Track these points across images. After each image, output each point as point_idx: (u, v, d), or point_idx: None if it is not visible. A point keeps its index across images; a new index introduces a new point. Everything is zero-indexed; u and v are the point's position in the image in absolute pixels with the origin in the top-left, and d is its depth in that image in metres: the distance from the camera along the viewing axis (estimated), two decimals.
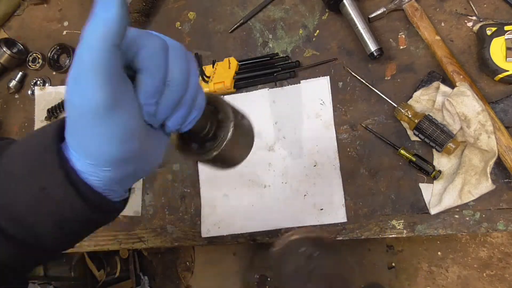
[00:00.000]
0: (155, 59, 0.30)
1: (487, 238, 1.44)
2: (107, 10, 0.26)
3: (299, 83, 0.83)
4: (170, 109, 0.32)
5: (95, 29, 0.26)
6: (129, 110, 0.29)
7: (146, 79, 0.30)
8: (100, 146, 0.29)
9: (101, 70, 0.26)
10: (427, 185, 0.72)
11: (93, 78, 0.26)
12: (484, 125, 0.65)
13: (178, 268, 1.77)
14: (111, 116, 0.28)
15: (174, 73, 0.31)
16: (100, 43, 0.26)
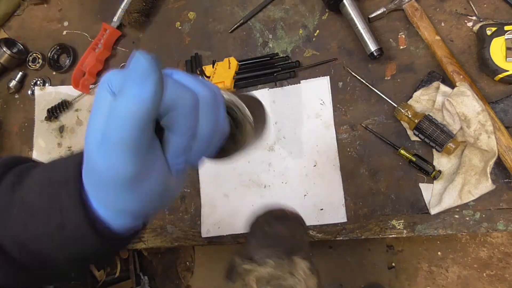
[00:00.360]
0: (187, 121, 0.28)
1: (487, 238, 1.44)
2: (143, 87, 0.24)
3: (299, 83, 0.83)
4: (199, 159, 0.32)
5: (128, 106, 0.24)
6: (158, 175, 0.28)
7: (176, 140, 0.28)
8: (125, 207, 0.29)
9: (132, 147, 0.25)
10: (427, 185, 0.72)
11: (120, 152, 0.25)
12: (484, 125, 0.65)
13: (178, 268, 1.77)
14: (139, 184, 0.27)
15: (203, 129, 0.29)
16: (133, 122, 0.24)
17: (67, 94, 1.02)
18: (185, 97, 0.28)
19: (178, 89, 0.27)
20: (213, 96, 0.30)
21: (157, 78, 0.24)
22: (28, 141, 1.04)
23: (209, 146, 0.31)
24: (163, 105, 0.26)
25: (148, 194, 0.28)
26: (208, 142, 0.30)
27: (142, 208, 0.30)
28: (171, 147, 0.28)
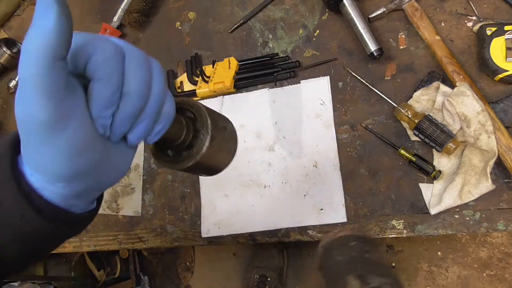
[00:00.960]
0: (107, 66, 0.27)
1: (487, 238, 1.44)
2: (45, 18, 0.23)
3: (299, 83, 0.83)
4: (128, 122, 0.30)
5: (32, 40, 0.23)
6: (78, 125, 0.26)
7: (98, 88, 0.27)
8: (49, 162, 0.27)
9: (41, 86, 0.24)
10: (427, 185, 0.72)
11: (33, 94, 0.24)
12: (484, 125, 0.65)
13: (178, 268, 1.77)
14: (57, 132, 0.26)
15: (131, 83, 0.28)
16: (38, 57, 0.23)
17: None
18: (106, 44, 0.27)
19: (99, 37, 0.27)
20: (143, 54, 0.30)
21: (59, 8, 0.23)
22: None
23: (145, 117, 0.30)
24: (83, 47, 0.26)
25: (69, 147, 0.27)
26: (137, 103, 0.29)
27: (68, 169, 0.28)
28: (94, 97, 0.27)
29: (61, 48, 0.24)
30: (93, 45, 0.27)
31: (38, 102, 0.24)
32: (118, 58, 0.28)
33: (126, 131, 0.30)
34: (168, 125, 0.33)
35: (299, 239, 0.79)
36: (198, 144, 0.36)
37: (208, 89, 0.87)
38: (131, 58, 0.29)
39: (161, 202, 0.90)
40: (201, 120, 0.36)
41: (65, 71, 0.25)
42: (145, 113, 0.30)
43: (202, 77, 0.88)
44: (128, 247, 0.92)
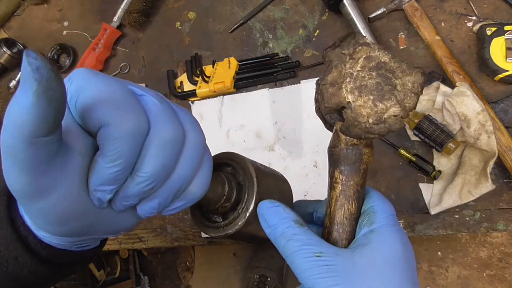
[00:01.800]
0: (117, 146, 0.23)
1: (487, 238, 1.44)
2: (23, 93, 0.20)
3: (299, 83, 0.83)
4: (134, 200, 0.26)
5: (8, 114, 0.21)
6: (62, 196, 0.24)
7: (101, 164, 0.24)
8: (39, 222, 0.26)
9: (17, 160, 0.22)
10: (427, 185, 0.72)
11: (10, 165, 0.22)
12: (484, 125, 0.65)
13: (178, 268, 1.77)
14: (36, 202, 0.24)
15: (144, 166, 0.25)
16: (13, 133, 0.21)
17: None
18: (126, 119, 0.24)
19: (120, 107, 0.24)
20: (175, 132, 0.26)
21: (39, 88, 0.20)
22: None
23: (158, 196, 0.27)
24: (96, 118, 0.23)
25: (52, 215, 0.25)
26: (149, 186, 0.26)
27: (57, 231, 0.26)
28: (94, 169, 0.24)
29: (39, 128, 0.21)
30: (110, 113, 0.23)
31: (15, 174, 0.22)
32: (135, 138, 0.24)
33: (131, 205, 0.27)
34: (191, 203, 0.29)
35: None
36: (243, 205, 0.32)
37: (208, 89, 0.87)
38: (155, 137, 0.25)
39: None
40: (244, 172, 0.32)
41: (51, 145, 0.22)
42: (159, 192, 0.27)
43: (202, 77, 0.88)
44: (128, 247, 0.92)
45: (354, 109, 0.27)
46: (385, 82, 0.27)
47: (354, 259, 0.29)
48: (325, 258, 0.29)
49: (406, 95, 0.27)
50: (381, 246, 0.30)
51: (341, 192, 0.31)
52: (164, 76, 0.93)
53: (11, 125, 0.21)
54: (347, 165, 0.31)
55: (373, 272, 0.28)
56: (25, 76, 0.20)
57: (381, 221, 0.31)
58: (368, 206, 0.32)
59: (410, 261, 0.30)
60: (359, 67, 0.27)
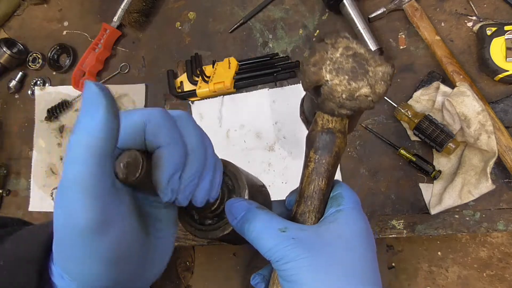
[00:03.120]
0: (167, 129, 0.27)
1: (487, 238, 1.44)
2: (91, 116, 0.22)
3: (299, 83, 0.83)
4: (196, 179, 0.29)
5: (78, 139, 0.22)
6: (122, 228, 0.25)
7: (168, 153, 0.27)
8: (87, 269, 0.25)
9: (87, 186, 0.22)
10: (427, 185, 0.72)
11: (78, 195, 0.22)
12: (484, 125, 0.65)
13: (178, 268, 1.77)
14: (98, 238, 0.24)
15: (192, 140, 0.29)
16: (85, 156, 0.22)
17: (67, 94, 1.01)
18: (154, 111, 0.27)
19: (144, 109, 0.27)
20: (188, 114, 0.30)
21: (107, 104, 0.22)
22: (28, 141, 1.04)
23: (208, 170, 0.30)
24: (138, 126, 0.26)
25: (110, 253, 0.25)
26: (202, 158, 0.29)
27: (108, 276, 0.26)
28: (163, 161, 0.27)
29: (109, 146, 0.23)
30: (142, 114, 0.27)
31: (83, 203, 0.23)
32: (171, 120, 0.28)
33: (194, 189, 0.30)
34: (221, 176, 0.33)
35: None
36: None
37: (208, 89, 0.87)
38: (181, 119, 0.29)
39: None
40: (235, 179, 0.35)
41: (111, 168, 0.24)
42: (207, 167, 0.30)
43: (202, 77, 0.88)
44: None
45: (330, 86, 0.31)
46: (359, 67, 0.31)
47: (320, 233, 0.31)
48: (290, 232, 0.30)
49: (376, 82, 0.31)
50: (347, 222, 0.32)
51: (313, 170, 0.34)
52: (164, 76, 0.93)
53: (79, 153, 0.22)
54: (321, 146, 0.35)
55: (340, 243, 0.30)
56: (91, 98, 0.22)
57: (348, 204, 0.33)
58: (336, 192, 0.34)
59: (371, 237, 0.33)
60: (338, 54, 0.31)
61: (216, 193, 0.32)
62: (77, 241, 0.24)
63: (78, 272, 0.26)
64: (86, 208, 0.23)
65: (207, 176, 0.30)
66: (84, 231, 0.23)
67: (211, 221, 0.35)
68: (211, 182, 0.31)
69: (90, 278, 0.26)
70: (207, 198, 0.31)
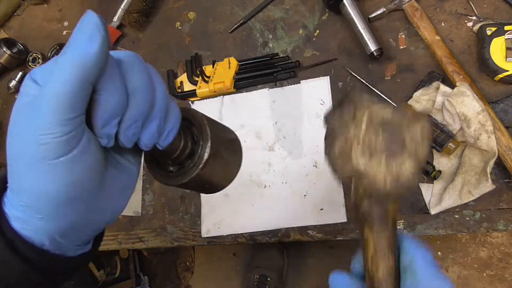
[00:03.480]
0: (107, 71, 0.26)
1: (487, 238, 1.44)
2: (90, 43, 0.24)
3: (299, 83, 0.83)
4: (140, 121, 0.29)
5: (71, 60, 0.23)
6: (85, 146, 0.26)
7: (100, 98, 0.26)
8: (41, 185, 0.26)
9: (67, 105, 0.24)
10: (427, 185, 0.72)
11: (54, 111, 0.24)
12: (484, 125, 0.65)
13: (178, 268, 1.77)
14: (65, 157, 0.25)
15: (135, 81, 0.28)
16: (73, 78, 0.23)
17: None
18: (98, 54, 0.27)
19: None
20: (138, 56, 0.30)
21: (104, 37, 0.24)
22: None
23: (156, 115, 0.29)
24: None
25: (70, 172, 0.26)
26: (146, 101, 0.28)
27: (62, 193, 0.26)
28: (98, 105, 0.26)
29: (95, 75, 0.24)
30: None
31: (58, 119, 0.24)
32: (110, 63, 0.27)
33: (138, 132, 0.29)
34: (178, 124, 0.32)
35: (299, 239, 0.79)
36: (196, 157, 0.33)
37: (208, 89, 0.87)
38: (128, 60, 0.28)
39: (161, 202, 0.90)
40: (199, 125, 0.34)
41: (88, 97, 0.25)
42: (154, 111, 0.29)
43: (202, 77, 0.88)
44: (128, 247, 0.92)
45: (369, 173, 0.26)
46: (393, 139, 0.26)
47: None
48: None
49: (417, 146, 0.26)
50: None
51: (376, 250, 0.30)
52: (164, 76, 0.93)
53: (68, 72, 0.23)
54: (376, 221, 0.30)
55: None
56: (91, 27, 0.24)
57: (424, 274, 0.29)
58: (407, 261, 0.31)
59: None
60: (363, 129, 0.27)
61: (168, 139, 0.31)
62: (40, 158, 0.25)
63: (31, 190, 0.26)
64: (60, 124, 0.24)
65: (155, 120, 0.29)
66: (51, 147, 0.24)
67: (173, 168, 0.35)
68: (158, 127, 0.30)
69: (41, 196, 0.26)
70: (155, 143, 0.31)
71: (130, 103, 0.28)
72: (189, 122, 0.35)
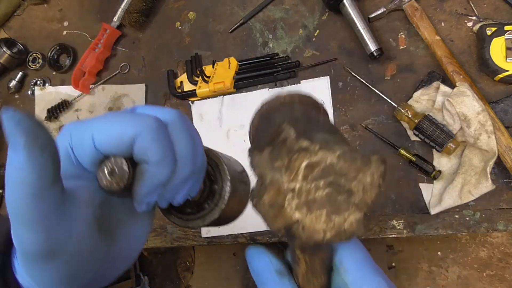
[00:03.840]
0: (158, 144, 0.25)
1: (487, 238, 1.44)
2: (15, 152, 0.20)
3: (299, 83, 0.83)
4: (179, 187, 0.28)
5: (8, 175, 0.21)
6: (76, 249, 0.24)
7: (153, 171, 0.25)
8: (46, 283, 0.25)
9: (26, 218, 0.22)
10: (427, 185, 0.72)
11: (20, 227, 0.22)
12: (484, 125, 0.65)
13: (178, 268, 1.77)
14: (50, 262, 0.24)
15: (182, 150, 0.26)
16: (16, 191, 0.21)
17: (67, 94, 1.01)
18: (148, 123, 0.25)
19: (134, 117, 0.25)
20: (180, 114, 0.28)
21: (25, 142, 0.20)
22: None
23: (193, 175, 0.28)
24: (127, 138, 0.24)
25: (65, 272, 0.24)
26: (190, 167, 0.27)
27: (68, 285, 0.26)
28: (146, 177, 0.25)
29: (40, 180, 0.21)
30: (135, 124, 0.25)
31: (27, 234, 0.22)
32: (163, 134, 0.25)
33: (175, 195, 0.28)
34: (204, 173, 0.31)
35: None
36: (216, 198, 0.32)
37: (208, 89, 0.87)
38: (174, 124, 0.27)
39: None
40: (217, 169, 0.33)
41: (56, 196, 0.23)
42: (193, 173, 0.28)
43: (202, 77, 0.88)
44: None
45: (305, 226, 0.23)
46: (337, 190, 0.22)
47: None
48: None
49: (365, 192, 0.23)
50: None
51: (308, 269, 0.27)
52: (164, 76, 0.93)
53: (11, 186, 0.21)
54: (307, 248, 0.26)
55: None
56: (10, 133, 0.20)
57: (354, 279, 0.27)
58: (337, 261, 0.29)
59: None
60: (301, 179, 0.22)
61: (195, 191, 0.31)
62: (28, 263, 0.24)
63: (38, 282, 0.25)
64: (30, 238, 0.22)
65: (191, 180, 0.29)
66: (34, 257, 0.23)
67: (191, 210, 0.34)
68: (194, 185, 0.29)
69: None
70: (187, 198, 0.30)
71: (174, 171, 0.27)
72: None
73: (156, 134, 0.25)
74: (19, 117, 0.20)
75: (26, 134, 0.20)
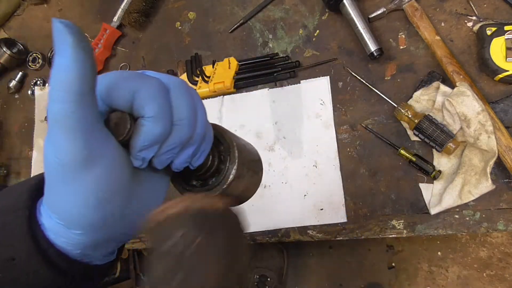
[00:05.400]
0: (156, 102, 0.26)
1: (487, 238, 1.44)
2: (62, 55, 0.23)
3: (299, 83, 0.83)
4: (178, 149, 0.29)
5: (54, 78, 0.23)
6: (108, 164, 0.26)
7: (149, 126, 0.26)
8: (73, 206, 0.26)
9: (68, 123, 0.23)
10: (427, 185, 0.72)
11: (60, 132, 0.23)
12: (484, 125, 0.65)
13: None
14: (83, 174, 0.25)
15: (181, 112, 0.28)
16: (60, 93, 0.23)
17: None
18: (149, 81, 0.27)
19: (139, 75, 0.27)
20: (184, 83, 0.30)
21: (73, 41, 0.22)
22: (28, 141, 1.04)
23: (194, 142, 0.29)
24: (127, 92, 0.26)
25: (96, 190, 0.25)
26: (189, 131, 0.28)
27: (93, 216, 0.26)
28: (142, 131, 0.27)
29: (83, 83, 0.23)
30: (136, 80, 0.26)
31: (66, 140, 0.23)
32: (165, 94, 0.27)
33: (173, 157, 0.29)
34: (210, 145, 0.32)
35: (299, 239, 0.79)
36: (221, 177, 0.34)
37: (208, 89, 0.87)
38: (176, 88, 0.28)
39: None
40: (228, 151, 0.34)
41: (93, 106, 0.24)
42: (194, 138, 0.29)
43: (202, 77, 0.88)
44: (128, 247, 0.92)
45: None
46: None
47: None
48: None
49: None
50: None
51: None
52: None
53: (57, 90, 0.23)
54: None
55: None
56: (59, 37, 0.22)
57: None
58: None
59: None
60: None
61: (199, 161, 0.32)
62: (63, 177, 0.25)
63: (65, 211, 0.26)
64: (69, 144, 0.24)
65: (192, 146, 0.30)
66: (69, 167, 0.24)
67: (196, 182, 0.35)
68: (193, 153, 0.30)
69: (76, 216, 0.26)
70: (187, 165, 0.31)
71: (172, 132, 0.28)
72: (217, 139, 0.35)
73: (155, 91, 0.26)
74: (67, 22, 0.23)
75: (73, 35, 0.23)
